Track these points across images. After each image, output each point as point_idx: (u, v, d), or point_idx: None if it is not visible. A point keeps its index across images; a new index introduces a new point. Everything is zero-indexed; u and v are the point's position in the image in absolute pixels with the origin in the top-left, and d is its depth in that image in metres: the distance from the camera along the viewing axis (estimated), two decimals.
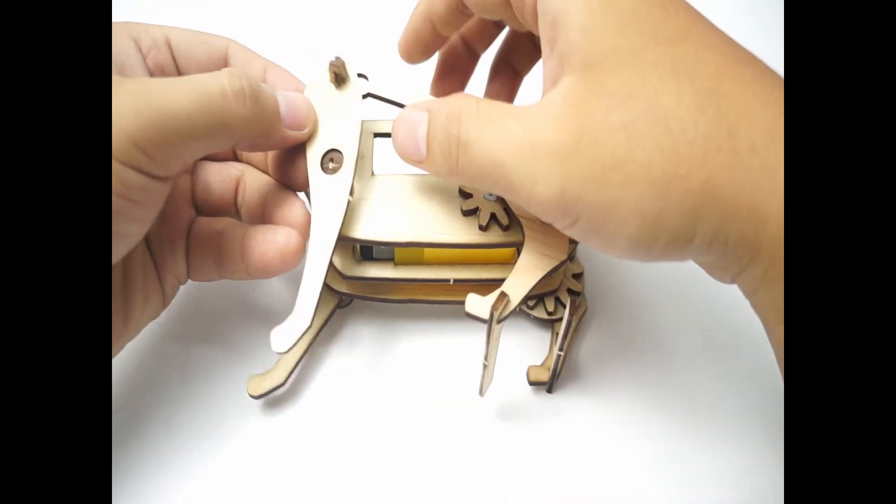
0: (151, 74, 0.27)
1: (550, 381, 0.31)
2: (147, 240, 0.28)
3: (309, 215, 0.28)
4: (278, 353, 0.25)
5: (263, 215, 0.29)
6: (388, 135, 0.29)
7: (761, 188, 0.20)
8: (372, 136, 0.30)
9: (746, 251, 0.20)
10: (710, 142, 0.20)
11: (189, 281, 0.30)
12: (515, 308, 0.26)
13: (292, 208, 0.29)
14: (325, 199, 0.27)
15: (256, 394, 0.30)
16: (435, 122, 0.24)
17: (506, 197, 0.25)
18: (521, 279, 0.26)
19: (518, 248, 0.30)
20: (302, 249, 0.28)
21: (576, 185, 0.21)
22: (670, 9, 0.22)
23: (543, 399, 0.32)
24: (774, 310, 0.21)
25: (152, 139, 0.22)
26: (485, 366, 0.28)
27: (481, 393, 0.30)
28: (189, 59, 0.28)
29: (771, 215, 0.20)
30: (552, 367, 0.31)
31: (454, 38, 0.31)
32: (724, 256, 0.21)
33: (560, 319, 0.33)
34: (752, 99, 0.20)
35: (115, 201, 0.22)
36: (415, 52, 0.30)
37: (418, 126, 0.25)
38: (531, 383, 0.32)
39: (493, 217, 0.28)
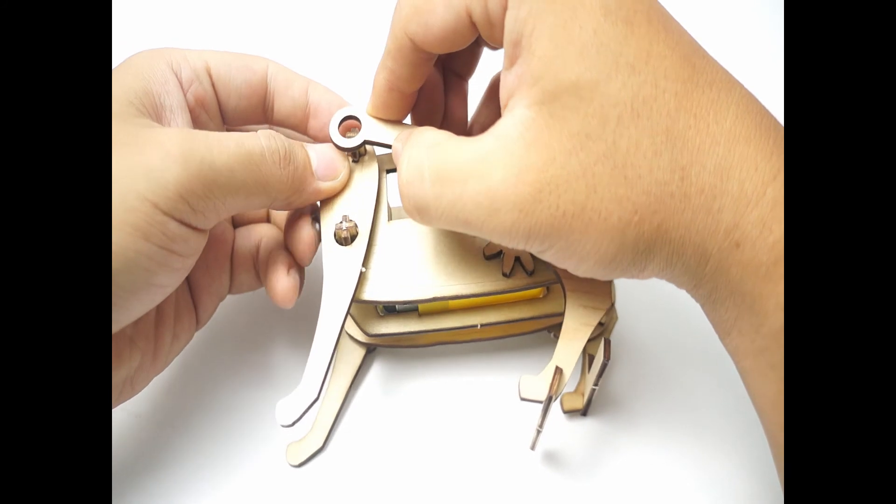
0: (192, 109, 0.27)
1: (585, 407, 0.31)
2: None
3: (315, 239, 0.28)
4: (283, 427, 0.24)
5: (283, 230, 0.30)
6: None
7: (706, 228, 0.21)
8: (385, 172, 0.29)
9: (691, 278, 0.23)
10: (664, 189, 0.21)
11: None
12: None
13: (301, 232, 0.28)
14: (337, 271, 0.26)
15: (297, 462, 0.30)
16: (400, 172, 0.24)
17: None
18: (571, 345, 0.25)
19: (546, 286, 0.29)
20: (294, 294, 0.28)
21: (540, 231, 0.22)
22: (634, 22, 0.21)
23: (577, 424, 0.32)
24: (720, 323, 0.23)
25: (196, 191, 0.23)
26: (539, 431, 0.27)
27: (532, 447, 0.29)
28: (229, 87, 0.28)
29: (712, 252, 0.22)
30: (587, 396, 0.30)
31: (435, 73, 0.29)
32: (674, 279, 0.24)
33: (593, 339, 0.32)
34: (705, 135, 0.21)
35: (156, 252, 0.22)
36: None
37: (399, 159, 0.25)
38: (565, 412, 0.32)
39: (517, 261, 0.27)
